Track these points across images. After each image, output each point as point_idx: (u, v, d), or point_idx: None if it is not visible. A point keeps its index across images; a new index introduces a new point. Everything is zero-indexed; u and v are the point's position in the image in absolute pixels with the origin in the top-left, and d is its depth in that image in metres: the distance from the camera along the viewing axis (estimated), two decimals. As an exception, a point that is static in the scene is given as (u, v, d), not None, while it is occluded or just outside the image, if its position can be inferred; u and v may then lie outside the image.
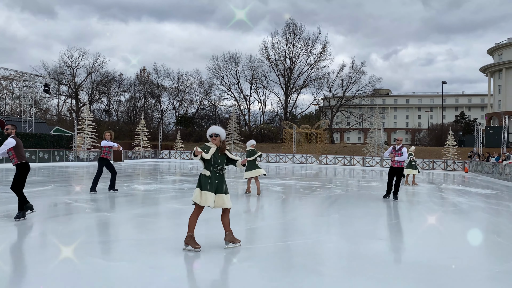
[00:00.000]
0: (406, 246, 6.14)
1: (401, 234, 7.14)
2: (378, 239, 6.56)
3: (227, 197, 5.62)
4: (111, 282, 4.21)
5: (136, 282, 4.22)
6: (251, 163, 11.68)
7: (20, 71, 36.46)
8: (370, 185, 16.49)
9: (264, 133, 64.40)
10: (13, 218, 7.49)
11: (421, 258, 5.41)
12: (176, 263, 4.91)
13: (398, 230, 7.54)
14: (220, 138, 5.63)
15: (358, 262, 5.17)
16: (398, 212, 9.53)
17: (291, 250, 5.70)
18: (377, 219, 8.49)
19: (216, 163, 5.56)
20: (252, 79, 68.49)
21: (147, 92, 71.50)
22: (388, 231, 7.34)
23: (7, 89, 70.21)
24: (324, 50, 65.63)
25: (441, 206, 10.68)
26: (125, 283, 4.17)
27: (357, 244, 6.18)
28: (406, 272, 4.79)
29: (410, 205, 10.93)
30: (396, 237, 6.79)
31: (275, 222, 7.91)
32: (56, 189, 12.16)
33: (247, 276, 4.50)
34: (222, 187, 5.59)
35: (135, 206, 9.52)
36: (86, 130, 35.31)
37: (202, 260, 5.05)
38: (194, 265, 4.85)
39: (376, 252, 5.67)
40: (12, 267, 4.61)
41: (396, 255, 5.56)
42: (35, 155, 26.73)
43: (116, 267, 4.72)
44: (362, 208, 9.83)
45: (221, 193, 5.57)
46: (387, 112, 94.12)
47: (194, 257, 5.18)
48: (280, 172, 24.47)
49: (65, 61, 65.75)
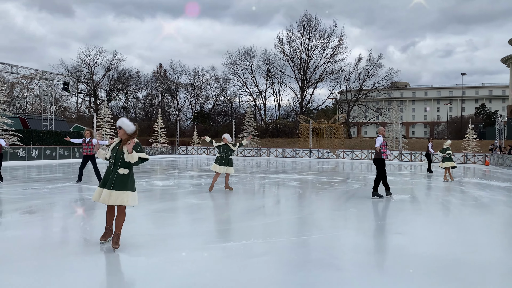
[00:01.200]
0: (425, 240, 6.07)
1: (420, 228, 7.06)
2: (397, 233, 6.51)
3: (120, 193, 5.12)
4: (129, 276, 4.29)
5: (155, 276, 4.28)
6: (227, 158, 11.22)
7: (40, 70, 37.19)
8: (388, 179, 16.33)
9: (280, 128, 64.32)
10: (35, 213, 7.67)
11: (440, 252, 5.34)
12: (194, 258, 4.97)
13: (417, 224, 7.45)
14: (125, 131, 5.22)
15: (376, 256, 5.15)
16: (416, 206, 9.42)
17: (308, 244, 5.70)
18: (396, 213, 8.41)
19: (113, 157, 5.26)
20: (268, 74, 68.42)
21: (164, 88, 72.14)
22: (407, 225, 7.27)
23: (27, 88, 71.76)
24: (340, 43, 65.14)
25: (461, 200, 10.51)
26: (144, 277, 4.24)
27: (375, 238, 6.14)
28: (425, 267, 4.74)
29: (429, 199, 10.79)
30: (414, 231, 6.72)
31: (291, 217, 7.92)
32: (76, 185, 12.40)
33: (264, 270, 4.52)
34: (111, 182, 5.15)
35: (154, 201, 9.65)
36: (105, 127, 35.82)
37: (219, 255, 5.10)
38: (211, 260, 4.90)
39: (394, 246, 5.63)
40: (34, 262, 4.74)
41: (414, 249, 5.50)
42: (55, 152, 27.27)
43: (134, 261, 4.80)
44: (380, 203, 9.75)
45: (109, 189, 5.14)
46: (405, 105, 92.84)
47: (211, 251, 5.23)
48: (296, 167, 24.43)
49: (83, 59, 66.82)
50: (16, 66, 33.64)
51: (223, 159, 11.19)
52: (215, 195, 10.54)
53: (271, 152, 40.11)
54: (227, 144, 11.24)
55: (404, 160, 34.73)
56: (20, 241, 5.63)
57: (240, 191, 11.68)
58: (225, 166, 11.21)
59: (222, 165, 11.18)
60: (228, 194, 10.82)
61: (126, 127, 5.21)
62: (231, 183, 13.04)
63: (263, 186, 13.51)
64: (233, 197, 10.50)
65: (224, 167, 11.20)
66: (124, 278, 4.17)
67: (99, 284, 4.01)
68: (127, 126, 5.21)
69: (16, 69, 33.83)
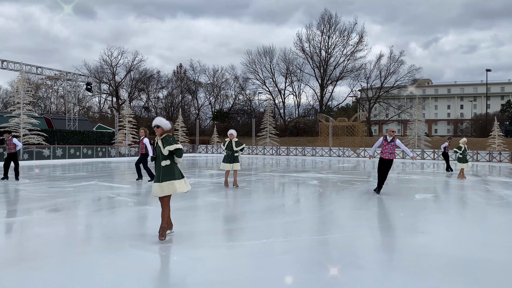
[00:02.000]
0: (447, 240, 5.96)
1: (442, 227, 6.93)
2: (419, 232, 6.41)
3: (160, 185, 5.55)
4: (152, 273, 4.35)
5: (177, 273, 4.34)
6: (232, 156, 11.53)
7: (64, 71, 38.03)
8: (411, 178, 16.09)
9: (299, 127, 64.06)
10: (59, 211, 7.86)
11: (464, 252, 5.24)
12: (215, 256, 5.01)
13: (440, 223, 7.32)
14: (163, 129, 5.62)
15: (397, 255, 5.08)
16: (440, 205, 9.25)
17: (329, 243, 5.67)
18: (418, 212, 8.28)
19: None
20: (287, 72, 68.24)
21: (184, 88, 72.78)
22: (429, 224, 7.15)
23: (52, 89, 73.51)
24: (361, 40, 64.39)
25: (486, 199, 10.27)
26: (166, 274, 4.30)
27: (396, 237, 6.06)
28: (447, 266, 4.66)
29: (453, 198, 10.58)
30: (437, 231, 6.60)
31: (312, 215, 7.89)
32: (99, 184, 12.64)
33: (285, 269, 4.52)
34: (159, 176, 5.60)
35: (175, 199, 9.75)
36: (127, 127, 36.39)
37: (240, 253, 5.12)
38: (232, 258, 4.93)
39: (416, 245, 5.54)
40: (58, 259, 4.86)
41: (437, 249, 5.41)
42: (79, 151, 27.86)
43: (157, 259, 4.87)
44: (402, 201, 9.62)
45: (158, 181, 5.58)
46: (427, 102, 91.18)
47: (232, 249, 5.26)
48: (316, 165, 24.30)
49: (105, 60, 67.97)
50: (41, 67, 34.50)
51: (228, 156, 11.53)
52: (235, 194, 10.59)
53: (290, 150, 40.01)
54: (232, 142, 11.56)
55: (427, 158, 34.13)
56: (45, 238, 5.78)
57: (260, 190, 11.70)
58: (231, 163, 11.52)
59: (229, 163, 11.51)
60: (248, 193, 10.85)
61: (165, 125, 5.63)
62: (249, 182, 13.07)
63: (282, 184, 13.50)
64: (253, 195, 10.53)
65: (230, 164, 11.50)
66: (146, 275, 4.24)
67: (122, 281, 4.08)
68: (165, 125, 5.64)
69: (41, 70, 34.69)
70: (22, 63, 31.70)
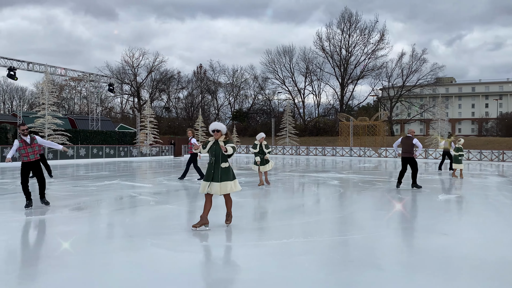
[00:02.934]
0: (473, 242, 5.82)
1: (466, 228, 6.77)
2: (442, 233, 6.28)
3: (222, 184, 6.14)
4: (174, 271, 4.39)
5: (198, 271, 4.37)
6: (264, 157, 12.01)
7: (86, 72, 38.79)
8: (433, 178, 15.79)
9: (319, 126, 63.68)
10: (83, 210, 8.03)
11: (491, 254, 5.10)
12: (236, 255, 5.02)
13: (464, 224, 7.16)
14: (222, 133, 6.28)
15: (419, 257, 4.99)
16: (463, 206, 9.05)
17: (349, 244, 5.62)
18: (441, 213, 8.12)
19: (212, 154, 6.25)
20: (307, 71, 67.93)
21: (204, 88, 73.29)
22: (453, 225, 7.00)
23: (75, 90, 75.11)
24: (382, 38, 63.58)
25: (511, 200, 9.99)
26: (188, 273, 4.34)
27: (419, 239, 5.96)
28: (475, 269, 4.55)
29: (478, 199, 10.33)
30: (461, 232, 6.46)
31: (332, 216, 7.83)
32: (121, 183, 12.85)
33: (305, 269, 4.50)
34: (218, 176, 6.16)
35: (196, 198, 9.83)
36: (148, 127, 36.87)
37: (261, 253, 5.12)
38: (253, 257, 4.93)
39: (438, 247, 5.44)
40: (82, 256, 4.95)
41: (460, 251, 5.29)
42: (102, 151, 28.36)
43: (179, 257, 4.91)
44: (425, 202, 9.45)
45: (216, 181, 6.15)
46: (451, 101, 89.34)
47: (252, 249, 5.27)
48: (337, 165, 24.11)
49: (127, 61, 69.03)
50: (65, 69, 35.28)
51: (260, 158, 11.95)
52: (255, 194, 10.60)
53: (310, 150, 39.81)
54: (262, 144, 11.95)
55: (450, 158, 33.45)
56: (69, 236, 5.91)
57: (279, 190, 11.68)
58: (263, 165, 11.96)
59: (262, 165, 11.96)
60: (268, 193, 10.84)
61: (223, 129, 6.25)
62: (269, 181, 13.06)
63: (302, 184, 13.44)
64: (273, 195, 10.52)
65: (263, 166, 11.97)
66: (168, 273, 4.28)
67: (143, 279, 4.14)
68: (224, 129, 6.27)
69: (65, 72, 35.48)
70: (47, 65, 32.48)
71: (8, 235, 5.99)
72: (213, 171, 6.17)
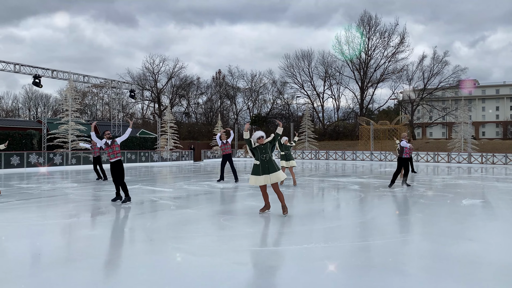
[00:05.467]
0: (501, 248, 5.66)
1: (494, 234, 6.59)
2: (467, 239, 6.13)
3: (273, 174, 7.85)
4: (195, 275, 4.41)
5: (218, 276, 4.37)
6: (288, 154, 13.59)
7: (108, 79, 39.53)
8: (457, 182, 15.45)
9: (339, 130, 63.19)
10: (105, 214, 8.15)
11: (518, 261, 4.95)
12: (256, 260, 5.01)
13: (490, 230, 6.97)
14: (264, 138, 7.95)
15: (444, 263, 4.88)
16: (489, 211, 8.81)
17: (371, 249, 5.54)
18: (466, 218, 7.93)
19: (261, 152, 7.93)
20: (326, 75, 67.58)
21: (223, 93, 73.75)
22: (479, 231, 6.83)
23: (98, 96, 76.63)
24: (402, 41, 62.75)
25: (540, 205, 9.67)
26: (209, 277, 4.35)
27: (443, 244, 5.83)
28: (498, 275, 4.42)
29: (504, 204, 10.05)
30: (487, 238, 6.29)
31: (353, 221, 7.73)
32: (142, 188, 13.00)
33: (327, 274, 4.46)
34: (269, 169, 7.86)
35: (215, 203, 9.88)
36: (169, 132, 37.27)
37: (281, 257, 5.10)
38: (273, 262, 4.91)
39: (464, 253, 5.30)
40: (105, 260, 5.02)
41: (489, 257, 5.14)
42: (123, 156, 28.81)
43: (200, 261, 4.93)
44: (448, 207, 9.25)
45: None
46: (474, 104, 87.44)
47: (273, 254, 5.25)
48: (357, 170, 23.85)
49: (147, 68, 70.03)
50: (87, 76, 36.03)
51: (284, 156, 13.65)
52: (275, 197, 10.57)
53: (330, 155, 39.51)
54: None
55: (474, 162, 32.68)
56: (92, 240, 6.01)
57: (299, 194, 11.62)
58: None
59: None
60: (287, 197, 10.79)
61: (264, 136, 7.97)
62: (288, 186, 13.00)
63: (322, 189, 13.34)
64: (292, 200, 10.47)
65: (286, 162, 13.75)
66: (189, 277, 4.30)
67: (165, 282, 4.16)
68: (264, 135, 7.97)
69: (87, 79, 36.23)
70: (70, 72, 33.23)
71: (32, 238, 6.13)
72: (267, 165, 7.78)
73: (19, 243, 5.87)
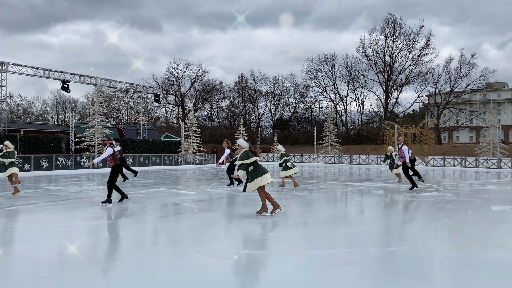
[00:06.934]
0: (531, 256, 5.45)
1: (524, 242, 6.36)
2: (496, 246, 5.94)
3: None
4: (218, 278, 4.42)
5: (242, 279, 4.37)
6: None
7: (133, 83, 40.28)
8: (485, 188, 15.02)
9: (362, 134, 62.47)
10: (130, 216, 8.28)
11: (551, 270, 4.76)
12: (279, 264, 4.99)
13: (521, 238, 6.73)
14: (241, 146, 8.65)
15: (472, 271, 4.74)
16: (520, 218, 8.51)
17: (395, 255, 5.43)
18: (495, 225, 7.69)
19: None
20: (349, 78, 67.04)
21: (245, 97, 74.04)
22: (509, 238, 6.60)
23: (123, 100, 78.17)
24: (428, 43, 61.77)
25: None
26: (232, 280, 4.35)
27: (471, 251, 5.67)
28: (533, 286, 4.26)
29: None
30: (518, 246, 6.07)
31: (378, 226, 7.61)
32: (166, 191, 13.16)
33: (350, 280, 4.40)
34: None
35: (238, 206, 9.90)
36: (192, 136, 37.66)
37: (304, 262, 5.06)
38: (296, 267, 4.88)
39: (493, 260, 5.14)
40: (129, 262, 5.10)
41: (519, 266, 4.96)
42: (148, 160, 29.22)
43: (223, 264, 4.94)
44: (476, 213, 8.99)
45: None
46: (503, 107, 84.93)
47: (296, 258, 5.22)
48: (381, 174, 23.49)
49: (171, 72, 71.08)
50: (113, 81, 36.81)
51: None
52: (298, 201, 10.52)
53: (353, 159, 39.07)
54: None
55: (504, 167, 31.70)
56: (117, 242, 6.11)
57: (322, 199, 11.52)
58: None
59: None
60: (310, 202, 10.72)
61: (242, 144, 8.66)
62: (310, 190, 12.89)
63: (346, 194, 13.19)
64: (315, 204, 10.40)
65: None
66: (212, 280, 4.31)
67: (188, 285, 4.19)
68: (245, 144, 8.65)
69: (113, 83, 37.02)
70: (97, 77, 34.02)
71: (58, 240, 6.28)
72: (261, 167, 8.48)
73: (48, 244, 6.02)
